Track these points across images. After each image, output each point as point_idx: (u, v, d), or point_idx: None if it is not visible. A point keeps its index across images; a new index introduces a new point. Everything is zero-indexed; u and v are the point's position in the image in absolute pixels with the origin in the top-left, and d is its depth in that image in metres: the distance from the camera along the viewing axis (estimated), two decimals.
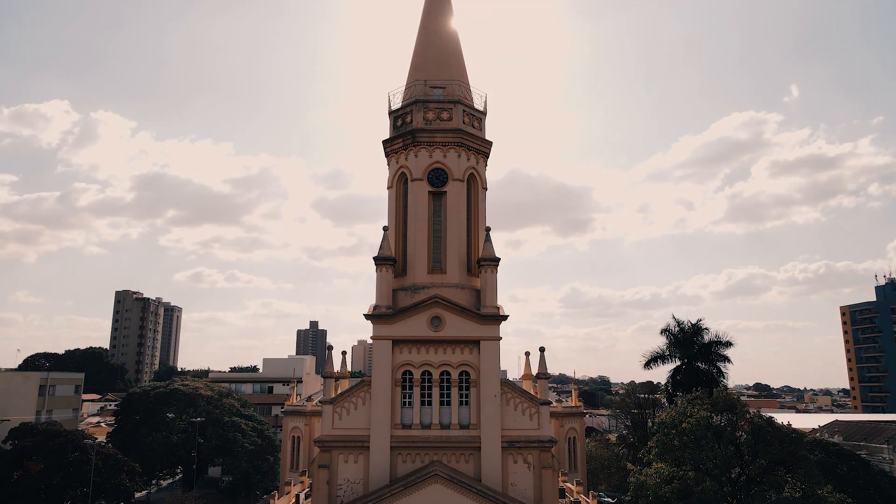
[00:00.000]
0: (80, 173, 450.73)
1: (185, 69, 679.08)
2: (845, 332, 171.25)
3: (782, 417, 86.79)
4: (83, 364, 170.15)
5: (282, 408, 76.68)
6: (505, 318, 29.25)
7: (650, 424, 64.56)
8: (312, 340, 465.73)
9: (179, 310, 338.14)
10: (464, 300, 29.71)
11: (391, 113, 33.24)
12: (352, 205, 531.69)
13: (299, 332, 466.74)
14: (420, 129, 31.47)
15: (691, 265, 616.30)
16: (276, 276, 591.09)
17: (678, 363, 48.16)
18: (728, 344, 47.21)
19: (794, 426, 76.31)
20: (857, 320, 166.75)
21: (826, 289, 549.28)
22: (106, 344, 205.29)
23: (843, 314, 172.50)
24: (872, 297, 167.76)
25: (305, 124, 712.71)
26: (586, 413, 46.81)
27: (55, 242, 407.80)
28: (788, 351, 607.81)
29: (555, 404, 44.91)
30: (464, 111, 32.19)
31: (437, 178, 31.22)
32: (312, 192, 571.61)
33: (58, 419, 77.20)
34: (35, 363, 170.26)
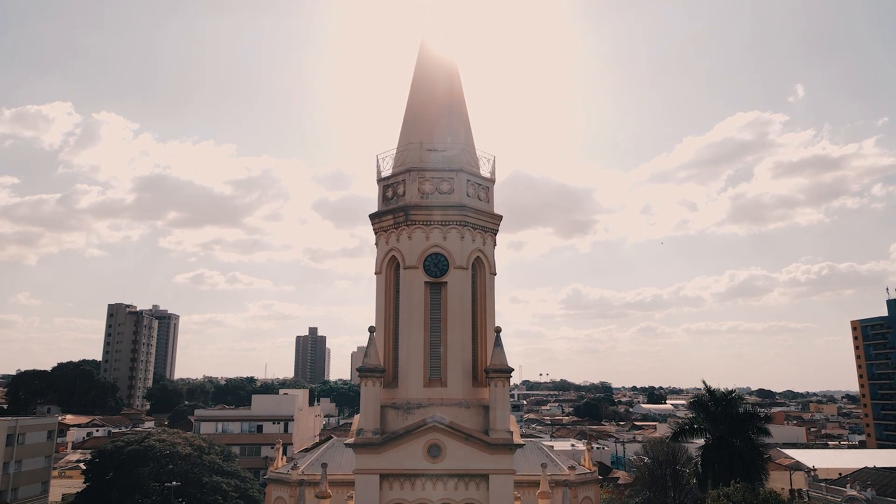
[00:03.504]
0: (80, 175, 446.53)
1: (188, 70, 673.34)
2: (856, 348, 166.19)
3: (806, 458, 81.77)
4: (73, 381, 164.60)
5: (272, 448, 72.07)
6: (520, 446, 23.70)
7: (669, 483, 59.40)
8: (312, 346, 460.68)
9: (176, 317, 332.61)
10: (469, 422, 24.00)
11: (380, 181, 27.53)
12: (353, 206, 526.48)
13: (298, 337, 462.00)
14: (414, 204, 25.67)
15: (693, 266, 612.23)
16: (277, 278, 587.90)
17: (709, 437, 42.61)
18: (767, 419, 41.79)
19: (818, 470, 71.39)
20: (868, 335, 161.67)
21: (828, 290, 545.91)
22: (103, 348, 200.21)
23: (854, 328, 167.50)
24: (874, 298, 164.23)
25: (306, 125, 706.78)
26: (592, 463, 40.93)
27: (56, 244, 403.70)
28: (790, 352, 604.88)
29: (567, 471, 39.44)
30: (468, 181, 26.37)
31: (436, 265, 25.42)
32: (314, 194, 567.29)
33: (28, 469, 71.86)
34: (24, 380, 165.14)
